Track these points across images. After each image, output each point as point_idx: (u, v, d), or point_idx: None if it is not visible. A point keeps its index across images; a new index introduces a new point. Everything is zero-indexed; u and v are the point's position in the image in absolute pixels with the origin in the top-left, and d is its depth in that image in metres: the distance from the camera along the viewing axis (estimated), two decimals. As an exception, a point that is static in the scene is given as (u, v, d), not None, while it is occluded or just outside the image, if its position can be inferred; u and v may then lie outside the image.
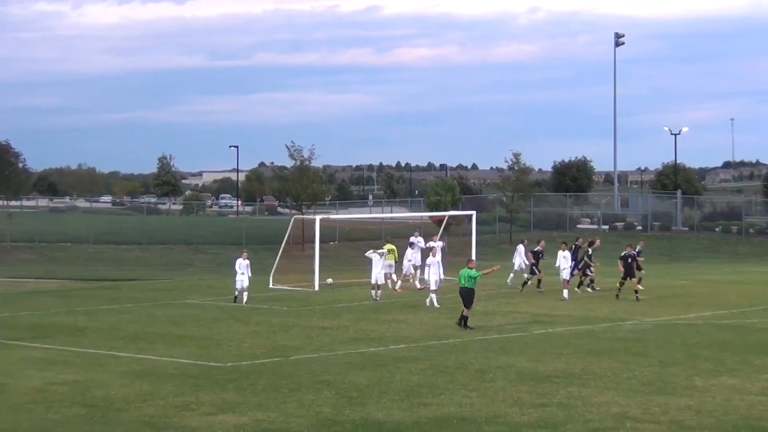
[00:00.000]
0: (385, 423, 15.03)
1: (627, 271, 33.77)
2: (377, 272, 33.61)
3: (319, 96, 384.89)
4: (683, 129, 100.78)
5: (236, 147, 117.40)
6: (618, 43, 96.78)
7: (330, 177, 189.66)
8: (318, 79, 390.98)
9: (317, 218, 40.75)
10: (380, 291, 33.82)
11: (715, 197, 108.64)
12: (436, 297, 31.18)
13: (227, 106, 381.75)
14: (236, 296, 33.02)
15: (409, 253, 38.36)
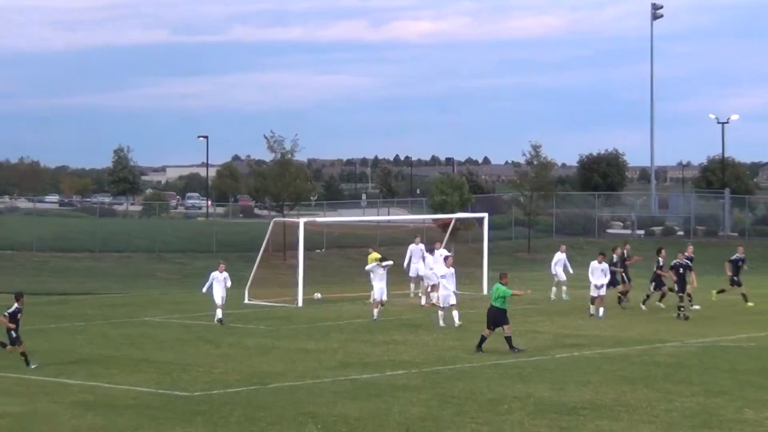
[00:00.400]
0: (381, 463, 15.05)
1: (681, 283, 34.00)
2: (381, 287, 33.59)
3: (304, 77, 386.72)
4: (732, 117, 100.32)
5: (205, 137, 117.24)
6: (656, 16, 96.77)
7: (316, 173, 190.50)
8: (302, 58, 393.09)
9: (301, 221, 40.76)
10: (382, 308, 33.70)
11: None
12: (457, 313, 30.72)
13: (195, 89, 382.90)
14: (220, 318, 32.41)
15: (431, 260, 37.68)
